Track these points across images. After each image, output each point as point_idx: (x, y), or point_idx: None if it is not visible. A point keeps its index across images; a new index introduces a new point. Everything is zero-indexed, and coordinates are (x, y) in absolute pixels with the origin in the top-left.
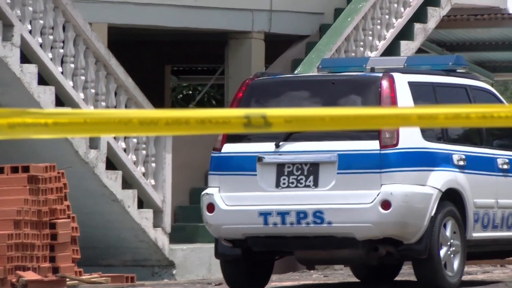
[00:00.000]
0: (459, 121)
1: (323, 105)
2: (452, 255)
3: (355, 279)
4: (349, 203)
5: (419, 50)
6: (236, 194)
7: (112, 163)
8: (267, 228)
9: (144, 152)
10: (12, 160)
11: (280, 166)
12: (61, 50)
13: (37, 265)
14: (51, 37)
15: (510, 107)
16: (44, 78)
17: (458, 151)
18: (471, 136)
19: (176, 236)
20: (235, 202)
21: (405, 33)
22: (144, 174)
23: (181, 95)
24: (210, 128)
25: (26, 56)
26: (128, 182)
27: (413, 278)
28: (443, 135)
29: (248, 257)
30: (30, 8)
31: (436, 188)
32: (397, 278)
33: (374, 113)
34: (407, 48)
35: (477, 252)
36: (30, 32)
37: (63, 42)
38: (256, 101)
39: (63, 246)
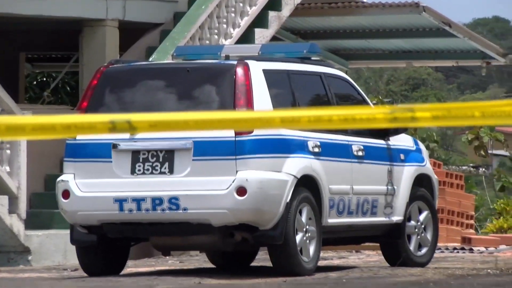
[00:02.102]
0: (322, 124)
1: (178, 93)
2: (307, 241)
3: (211, 265)
4: (205, 189)
5: (274, 38)
6: (92, 180)
7: None
8: (123, 214)
9: None
10: None
11: (135, 153)
12: None
13: None
14: None
15: (369, 109)
16: None
17: (313, 138)
18: None
19: (31, 223)
20: (91, 188)
21: (260, 21)
22: None
23: (35, 82)
24: (76, 132)
25: None
26: None
27: (269, 264)
28: None
29: (104, 244)
30: None
31: (292, 175)
32: (253, 264)
33: (238, 117)
34: (262, 36)
35: (332, 238)
36: None
37: None
38: (111, 89)
39: None
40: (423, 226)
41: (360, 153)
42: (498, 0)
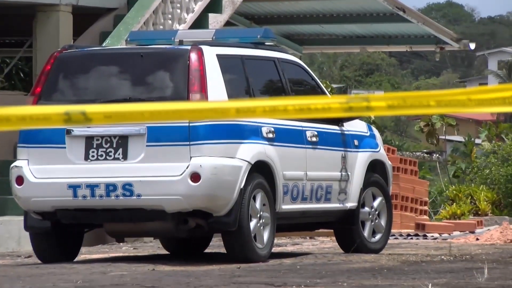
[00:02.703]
0: (277, 114)
1: (132, 79)
2: (262, 227)
3: (165, 252)
4: (159, 175)
5: (228, 23)
6: (45, 166)
7: None
8: (76, 200)
9: None
10: None
11: (88, 139)
12: None
13: None
14: None
15: (325, 98)
16: None
17: (267, 123)
18: None
19: None
20: (44, 174)
21: (213, 6)
22: None
23: None
24: (31, 123)
25: None
26: None
27: (223, 250)
28: None
29: (58, 230)
30: None
31: (245, 161)
32: (206, 250)
33: (193, 108)
34: (216, 21)
35: (287, 224)
36: None
37: None
38: (65, 74)
39: None
40: (377, 212)
41: (314, 139)
42: None
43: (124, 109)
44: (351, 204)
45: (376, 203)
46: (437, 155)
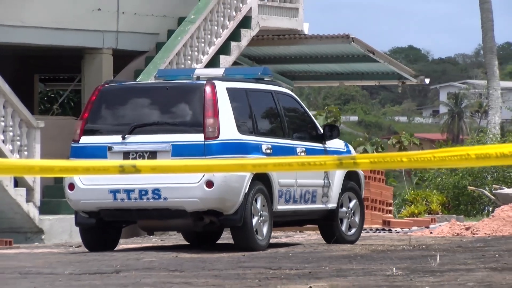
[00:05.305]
0: (284, 168)
1: (160, 107)
2: (261, 223)
3: (185, 242)
4: (181, 182)
5: (235, 63)
6: (91, 176)
7: None
8: (116, 202)
9: (18, 143)
10: None
11: (126, 154)
12: None
13: None
14: None
15: (322, 158)
16: None
17: (266, 142)
18: (276, 130)
19: (44, 209)
20: (91, 182)
21: (223, 49)
22: None
23: (46, 98)
24: (93, 172)
25: None
26: None
27: (231, 241)
28: (254, 129)
29: (101, 225)
30: None
31: None
32: (218, 242)
33: (217, 164)
34: (225, 61)
35: (281, 221)
36: None
37: None
38: (106, 103)
39: None
40: (352, 211)
41: (302, 154)
42: (412, 32)
43: (165, 164)
44: (332, 205)
45: (351, 204)
46: None
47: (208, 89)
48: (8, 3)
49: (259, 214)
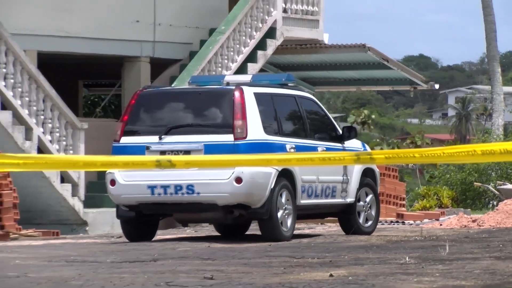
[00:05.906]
0: (306, 163)
1: (193, 110)
2: (286, 216)
3: (217, 234)
4: (212, 178)
5: (261, 70)
6: (131, 172)
7: (41, 151)
8: (154, 197)
9: (64, 142)
10: None
11: (162, 153)
12: (4, 70)
13: None
14: None
15: (341, 153)
16: None
17: (290, 141)
18: (298, 131)
19: (88, 203)
20: (130, 178)
21: (251, 57)
22: None
23: (89, 101)
24: (132, 166)
25: None
26: None
27: (258, 232)
28: (278, 130)
29: (140, 218)
30: None
31: (274, 168)
32: (247, 233)
33: (246, 159)
34: (252, 68)
35: (304, 214)
36: None
37: (5, 64)
38: (145, 107)
39: (7, 210)
40: (369, 205)
41: None
42: (423, 42)
43: (196, 159)
44: (350, 199)
45: (368, 199)
46: (412, 165)
47: (237, 93)
48: (55, 16)
49: (284, 207)
